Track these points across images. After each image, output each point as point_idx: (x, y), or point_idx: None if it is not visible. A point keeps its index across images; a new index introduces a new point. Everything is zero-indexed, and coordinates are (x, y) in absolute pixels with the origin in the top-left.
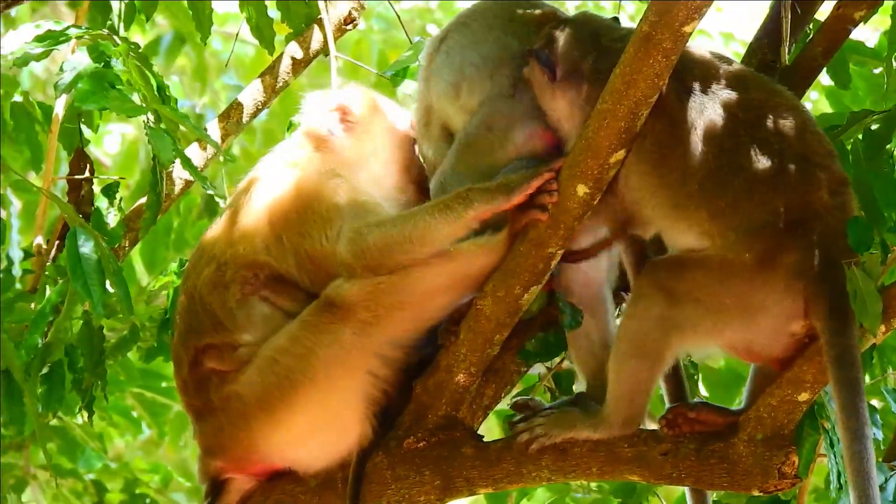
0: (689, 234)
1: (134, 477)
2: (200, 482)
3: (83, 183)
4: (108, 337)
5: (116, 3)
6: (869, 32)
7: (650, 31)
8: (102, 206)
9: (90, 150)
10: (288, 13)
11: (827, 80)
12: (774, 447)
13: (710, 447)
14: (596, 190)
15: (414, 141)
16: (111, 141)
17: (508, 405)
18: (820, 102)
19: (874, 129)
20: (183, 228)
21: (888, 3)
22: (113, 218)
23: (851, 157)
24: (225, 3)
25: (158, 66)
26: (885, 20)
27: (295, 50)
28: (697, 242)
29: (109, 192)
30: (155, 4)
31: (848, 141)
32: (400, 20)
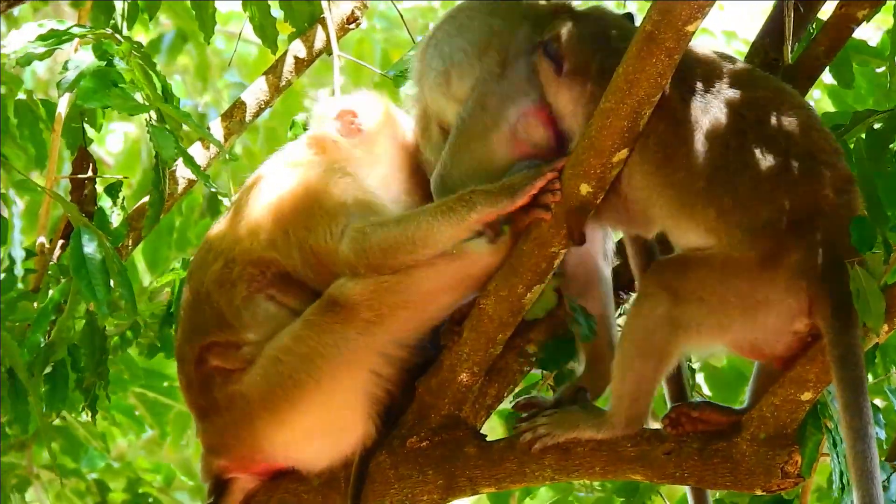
0: (695, 232)
1: (136, 476)
2: (203, 481)
3: (86, 182)
4: (108, 332)
5: (119, 2)
6: (872, 31)
7: (653, 30)
8: (106, 205)
9: (93, 149)
10: (291, 12)
11: (830, 79)
12: (777, 446)
13: (713, 446)
14: (599, 189)
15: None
16: (114, 140)
17: (511, 405)
18: (822, 101)
19: (877, 128)
20: (185, 228)
21: (891, 2)
22: (116, 217)
23: (854, 156)
24: (228, 2)
25: (160, 64)
26: (887, 19)
27: (298, 49)
28: (703, 241)
29: (112, 191)
30: (158, 4)
31: (851, 140)
32: (403, 19)
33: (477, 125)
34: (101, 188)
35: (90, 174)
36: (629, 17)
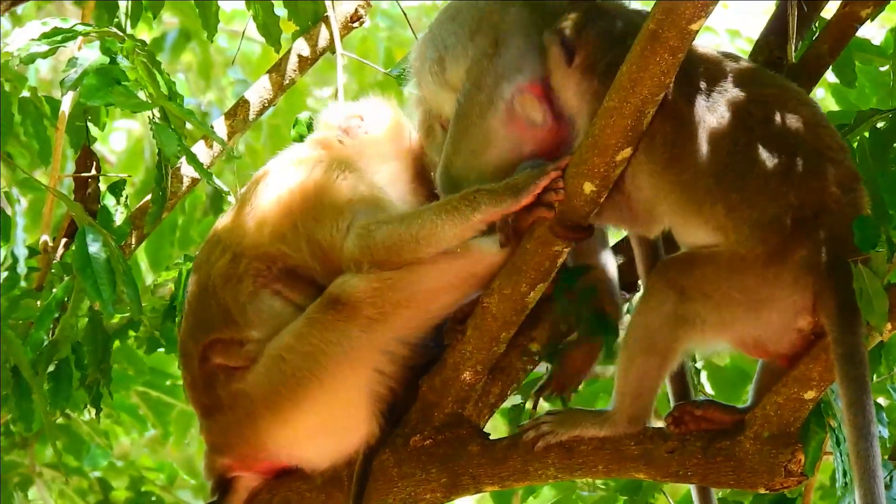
0: (703, 229)
1: (139, 475)
2: (206, 479)
3: (89, 180)
4: (108, 327)
5: (123, 0)
6: (875, 30)
7: (657, 28)
8: (109, 203)
9: (96, 147)
10: (294, 11)
11: (833, 77)
12: (781, 445)
13: (716, 445)
14: (602, 188)
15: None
16: (117, 139)
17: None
18: (826, 100)
19: (881, 127)
20: (188, 226)
21: (895, 1)
22: (119, 216)
23: (858, 155)
24: (232, 0)
25: (164, 62)
26: (891, 18)
27: (301, 47)
28: (711, 238)
29: (116, 189)
30: (162, 3)
31: (854, 139)
32: (406, 18)
33: (474, 107)
34: (104, 186)
35: (93, 172)
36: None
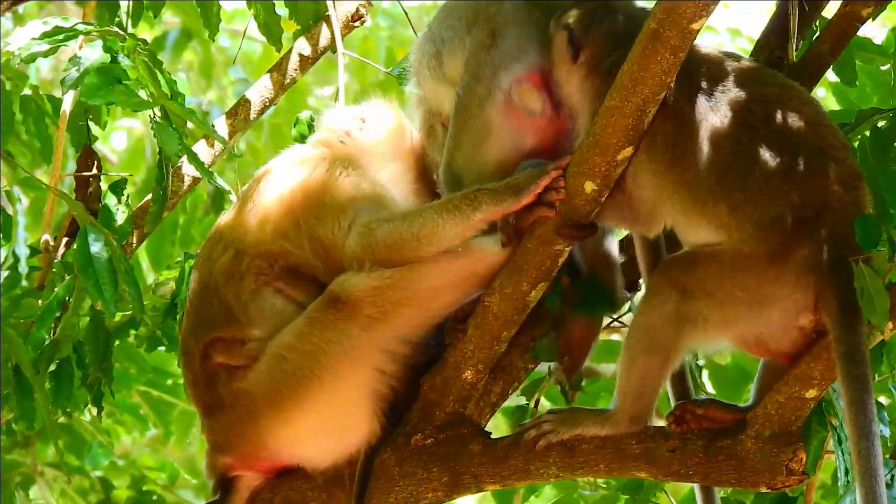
0: (705, 228)
1: (141, 474)
2: (208, 477)
3: (91, 180)
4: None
5: (124, 0)
6: (877, 29)
7: (658, 28)
8: (110, 203)
9: (97, 147)
10: (295, 10)
11: (834, 76)
12: (782, 444)
13: (717, 444)
14: (604, 187)
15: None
16: (118, 138)
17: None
18: (827, 99)
19: (881, 126)
20: (189, 225)
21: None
22: (120, 215)
23: (859, 154)
24: (233, 0)
25: (165, 62)
26: (893, 17)
27: (302, 47)
28: (714, 236)
29: (117, 189)
30: (163, 3)
31: (855, 139)
32: (408, 17)
33: (473, 99)
34: (105, 186)
35: (94, 172)
36: None
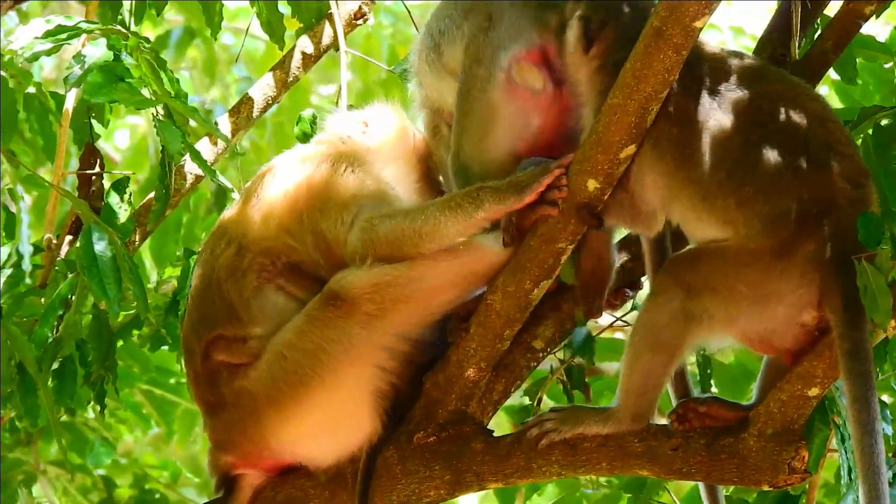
0: (714, 224)
1: (143, 472)
2: (210, 476)
3: (93, 178)
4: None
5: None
6: (880, 27)
7: (661, 25)
8: (113, 201)
9: (100, 145)
10: (298, 8)
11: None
12: (784, 442)
13: (720, 442)
14: (606, 185)
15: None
16: (121, 136)
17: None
18: (829, 97)
19: (884, 124)
20: (192, 224)
21: None
22: (123, 213)
23: (861, 152)
24: None
25: (168, 59)
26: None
27: (305, 45)
28: (721, 232)
29: (119, 187)
30: (165, 1)
31: (857, 136)
32: (410, 15)
33: (475, 82)
34: (107, 184)
35: (97, 170)
36: None
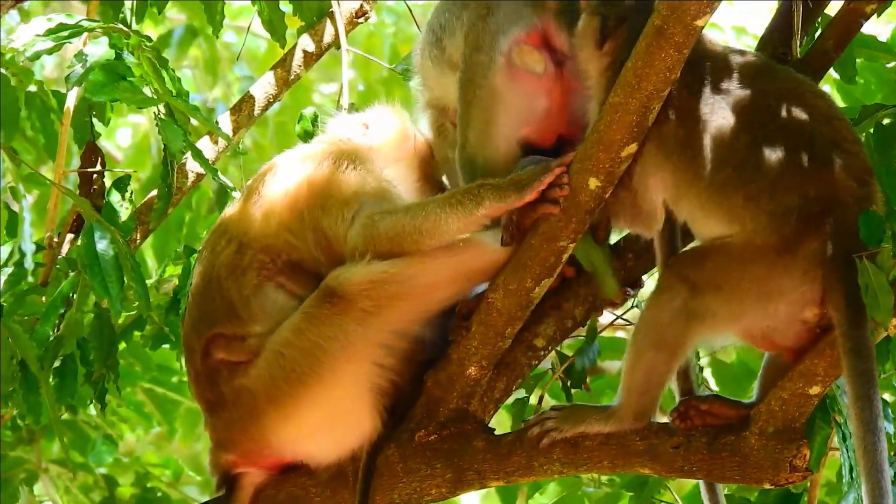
0: (721, 220)
1: (145, 471)
2: (211, 474)
3: (94, 176)
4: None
5: None
6: (882, 27)
7: (662, 24)
8: (114, 199)
9: (102, 143)
10: (300, 7)
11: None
12: (786, 440)
13: (721, 440)
14: (608, 183)
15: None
16: (123, 134)
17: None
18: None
19: (886, 123)
20: (194, 223)
21: None
22: (124, 211)
23: None
24: None
25: (170, 58)
26: None
27: (307, 43)
28: (728, 228)
29: (121, 185)
30: (166, 1)
31: (859, 135)
32: (412, 14)
33: (477, 69)
34: (109, 182)
35: (98, 168)
36: None
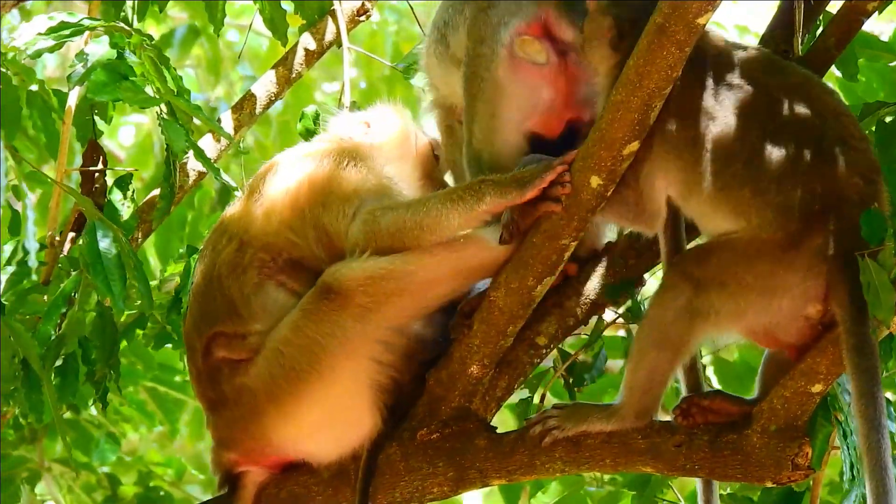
0: (728, 215)
1: (148, 470)
2: (214, 473)
3: (96, 175)
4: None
5: None
6: (884, 25)
7: (664, 22)
8: (116, 198)
9: (105, 142)
10: (301, 5)
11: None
12: (788, 439)
13: (723, 439)
14: (609, 181)
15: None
16: (126, 133)
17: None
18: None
19: (887, 120)
20: (197, 221)
21: None
22: (126, 210)
23: None
24: None
25: (172, 58)
26: None
27: (308, 41)
28: (734, 223)
29: (122, 184)
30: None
31: None
32: (413, 12)
33: (480, 62)
34: (111, 181)
35: (100, 167)
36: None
